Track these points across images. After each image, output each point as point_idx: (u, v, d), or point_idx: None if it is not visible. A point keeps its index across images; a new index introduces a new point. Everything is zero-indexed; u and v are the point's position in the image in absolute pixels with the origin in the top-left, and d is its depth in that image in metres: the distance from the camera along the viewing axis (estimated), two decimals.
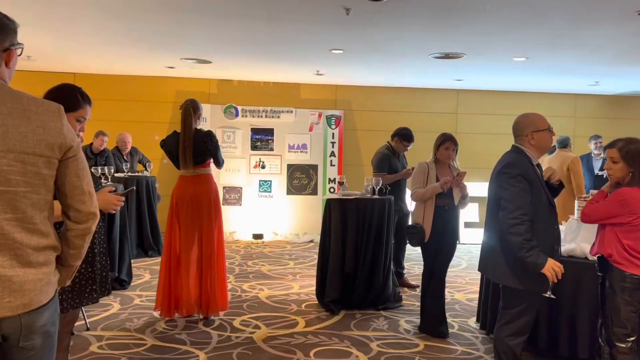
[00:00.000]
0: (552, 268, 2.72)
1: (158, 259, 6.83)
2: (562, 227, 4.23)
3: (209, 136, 4.35)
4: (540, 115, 3.04)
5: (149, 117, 8.83)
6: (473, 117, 9.36)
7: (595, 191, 4.15)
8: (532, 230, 2.76)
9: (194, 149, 4.34)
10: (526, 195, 2.79)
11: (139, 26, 5.45)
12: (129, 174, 7.07)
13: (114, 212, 2.62)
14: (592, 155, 7.50)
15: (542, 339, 3.71)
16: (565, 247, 3.69)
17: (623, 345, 2.86)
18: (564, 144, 6.62)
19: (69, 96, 2.37)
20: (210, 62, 7.30)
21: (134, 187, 3.22)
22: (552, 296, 2.86)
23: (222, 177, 8.35)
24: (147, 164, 7.49)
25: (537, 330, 3.67)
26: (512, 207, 2.77)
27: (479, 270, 3.27)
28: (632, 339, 2.85)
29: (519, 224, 2.74)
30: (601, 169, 7.12)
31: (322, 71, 7.78)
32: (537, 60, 6.64)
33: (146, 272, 6.19)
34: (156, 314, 4.53)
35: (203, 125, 5.48)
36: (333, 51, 6.35)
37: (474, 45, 5.89)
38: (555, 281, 2.76)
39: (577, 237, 3.96)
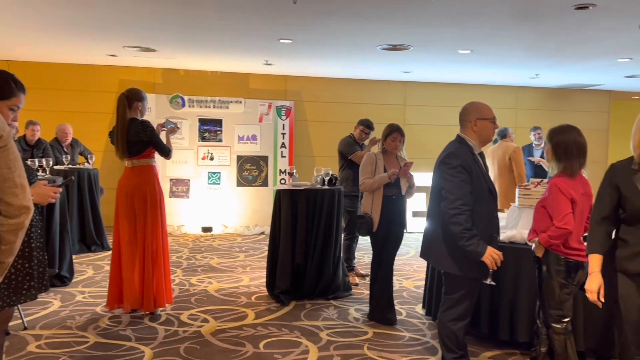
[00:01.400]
0: (491, 256, 2.83)
1: (102, 255, 6.62)
2: (504, 215, 4.39)
3: (142, 125, 4.23)
4: (487, 105, 3.13)
5: (90, 108, 8.50)
6: (421, 109, 9.54)
7: (536, 180, 4.33)
8: (473, 220, 2.86)
9: (128, 139, 4.21)
10: (466, 185, 2.88)
11: (78, 12, 5.21)
12: (70, 166, 6.79)
13: (53, 202, 2.51)
14: (533, 145, 7.79)
15: (483, 324, 3.82)
16: (507, 234, 3.82)
17: (558, 326, 2.98)
18: (504, 134, 6.84)
19: (1, 83, 2.26)
20: (155, 51, 7.09)
21: (72, 177, 3.08)
22: (493, 283, 2.98)
23: (168, 169, 8.16)
24: (88, 156, 7.21)
25: (479, 316, 3.79)
26: (453, 197, 2.86)
27: (421, 256, 3.36)
28: (567, 319, 2.98)
29: (460, 214, 2.83)
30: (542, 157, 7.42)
31: (272, 61, 7.71)
32: (481, 53, 6.82)
33: (89, 267, 5.98)
34: (105, 309, 4.40)
35: (148, 115, 5.32)
36: (282, 41, 6.29)
37: (420, 37, 5.97)
38: (495, 269, 2.87)
39: (517, 224, 4.10)
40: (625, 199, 2.41)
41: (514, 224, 4.22)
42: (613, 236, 2.56)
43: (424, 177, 6.58)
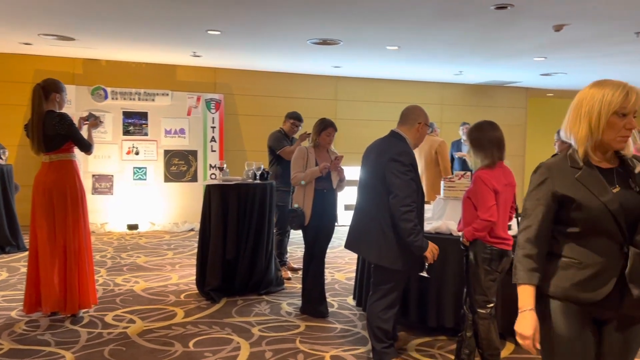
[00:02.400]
0: (432, 251, 3.03)
1: (17, 256, 6.21)
2: (430, 206, 4.54)
3: (60, 118, 3.99)
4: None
5: (2, 99, 7.92)
6: (351, 104, 9.66)
7: (460, 172, 4.49)
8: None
9: (45, 133, 3.97)
10: (414, 184, 3.05)
11: None
12: None
13: None
14: (462, 140, 8.09)
15: (412, 312, 3.93)
16: (433, 225, 3.94)
17: (483, 311, 3.12)
18: (430, 128, 7.05)
19: None
20: (73, 40, 6.71)
21: None
22: (427, 275, 3.16)
23: (90, 164, 7.77)
24: (1, 152, 6.72)
25: (408, 305, 3.89)
26: (403, 194, 2.97)
27: (347, 248, 3.39)
28: (491, 305, 3.13)
29: (410, 211, 2.97)
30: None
31: (200, 53, 7.52)
32: (408, 50, 6.99)
33: (3, 270, 5.58)
34: (21, 313, 4.12)
35: (67, 108, 5.04)
36: (210, 32, 6.14)
37: (349, 32, 6.03)
38: (432, 262, 3.03)
39: (443, 215, 4.25)
40: (576, 207, 1.78)
41: (440, 215, 4.37)
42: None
43: (354, 171, 6.66)
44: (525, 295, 1.83)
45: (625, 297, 1.77)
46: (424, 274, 3.14)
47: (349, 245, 3.39)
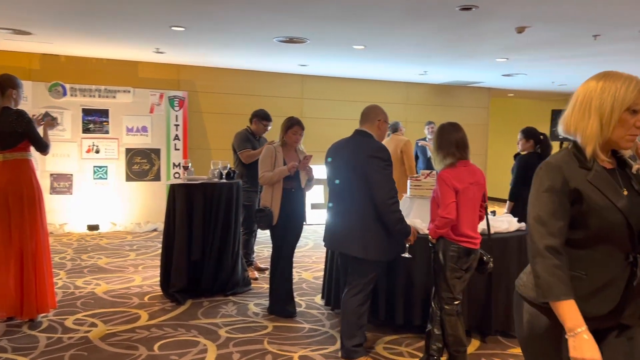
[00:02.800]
0: (413, 233, 3.32)
1: None
2: None
3: (17, 115, 3.84)
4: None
5: None
6: (318, 102, 9.64)
7: (426, 171, 4.54)
8: None
9: (0, 130, 3.80)
10: (392, 178, 3.27)
11: None
12: None
13: None
14: (427, 139, 8.18)
15: (381, 311, 3.95)
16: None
17: (449, 307, 3.17)
18: (395, 128, 7.11)
19: None
20: (30, 34, 6.45)
21: None
22: (409, 255, 3.43)
23: (48, 163, 7.51)
24: None
25: (377, 303, 3.91)
26: (388, 187, 3.18)
27: (330, 248, 3.40)
28: (457, 302, 3.18)
29: (396, 202, 3.20)
30: None
31: (163, 49, 7.35)
32: (375, 49, 7.02)
33: None
34: None
35: (24, 105, 4.83)
36: (174, 28, 6.01)
37: (316, 31, 6.01)
38: (412, 243, 3.34)
39: (409, 214, 4.28)
40: (587, 211, 1.61)
41: (406, 213, 4.39)
42: None
43: (322, 170, 6.65)
44: (573, 312, 1.55)
45: (626, 307, 1.65)
46: (406, 254, 3.40)
47: (332, 244, 3.43)
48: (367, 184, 3.17)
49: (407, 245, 3.35)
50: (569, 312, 1.54)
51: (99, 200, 7.83)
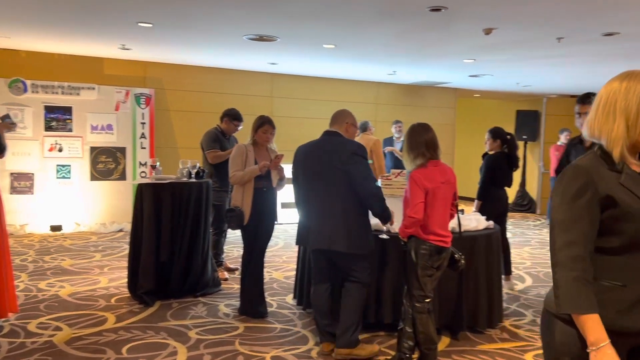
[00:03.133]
0: (393, 216, 3.50)
1: None
2: None
3: None
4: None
5: None
6: (288, 101, 9.60)
7: (397, 170, 4.57)
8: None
9: None
10: None
11: None
12: None
13: None
14: (394, 138, 8.25)
15: None
16: (373, 222, 3.98)
17: (420, 305, 3.20)
18: (364, 127, 7.13)
19: None
20: None
21: None
22: (387, 237, 3.72)
23: (8, 162, 7.24)
24: None
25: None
26: (372, 178, 3.42)
27: (321, 247, 3.40)
28: (429, 300, 3.21)
29: (381, 189, 3.51)
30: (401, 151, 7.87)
31: (129, 45, 7.19)
32: (345, 49, 7.03)
33: None
34: None
35: None
36: (141, 24, 5.88)
37: (286, 29, 5.98)
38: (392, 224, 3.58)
39: None
40: (622, 216, 1.51)
41: None
42: None
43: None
44: (596, 326, 1.45)
45: None
46: (384, 236, 3.71)
47: (321, 243, 3.43)
48: (350, 180, 3.31)
49: (386, 228, 3.70)
50: (592, 325, 1.46)
51: (62, 200, 7.61)
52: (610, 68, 7.68)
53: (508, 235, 5.50)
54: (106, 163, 7.92)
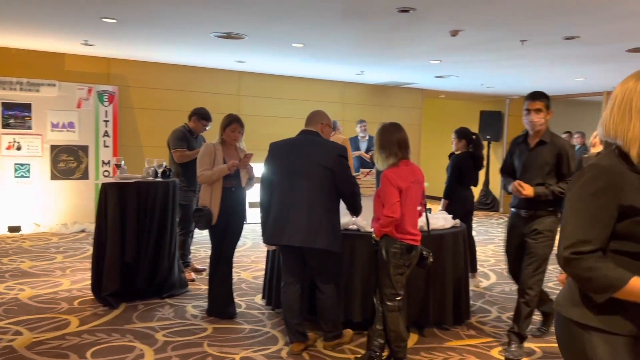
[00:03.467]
0: None
1: None
2: None
3: None
4: None
5: None
6: (256, 100, 9.53)
7: (366, 170, 4.60)
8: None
9: None
10: None
11: None
12: None
13: None
14: (359, 137, 8.30)
15: None
16: (343, 221, 3.99)
17: (391, 304, 3.22)
18: (334, 126, 7.15)
19: None
20: None
21: None
22: (357, 227, 3.95)
23: None
24: None
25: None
26: (354, 179, 3.61)
27: (302, 244, 3.37)
28: (399, 298, 3.24)
29: (359, 189, 3.62)
30: (367, 151, 7.93)
31: (92, 41, 7.00)
32: (313, 48, 7.02)
33: None
34: None
35: None
36: (104, 20, 5.73)
37: (255, 27, 5.93)
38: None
39: None
40: None
41: (347, 212, 4.43)
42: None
43: (262, 169, 6.56)
44: None
45: None
46: (354, 226, 3.92)
47: (299, 241, 3.40)
48: (336, 180, 3.42)
49: (354, 226, 3.99)
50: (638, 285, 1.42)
51: (20, 200, 7.35)
52: (569, 71, 7.93)
53: (473, 233, 5.60)
54: (67, 162, 7.70)
